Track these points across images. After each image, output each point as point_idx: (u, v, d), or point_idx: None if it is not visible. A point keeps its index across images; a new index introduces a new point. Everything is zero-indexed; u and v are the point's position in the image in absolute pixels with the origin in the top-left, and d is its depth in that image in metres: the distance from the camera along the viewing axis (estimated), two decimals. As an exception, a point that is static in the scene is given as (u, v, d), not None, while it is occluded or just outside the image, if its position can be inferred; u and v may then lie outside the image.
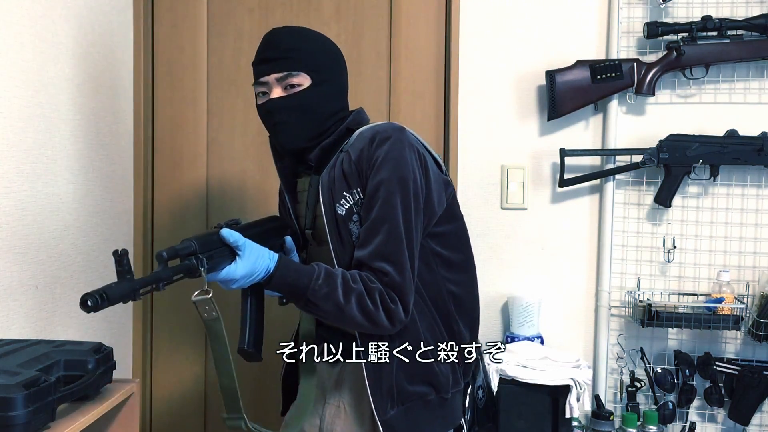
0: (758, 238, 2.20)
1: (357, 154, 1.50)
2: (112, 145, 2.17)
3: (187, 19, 2.37)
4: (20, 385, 1.14)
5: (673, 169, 2.16)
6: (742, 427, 2.19)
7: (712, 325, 2.11)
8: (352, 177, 1.50)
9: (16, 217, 1.67)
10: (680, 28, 2.13)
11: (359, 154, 1.49)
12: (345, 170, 1.51)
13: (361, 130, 1.55)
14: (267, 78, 1.53)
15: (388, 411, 1.46)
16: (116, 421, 1.49)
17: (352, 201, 1.50)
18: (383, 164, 1.46)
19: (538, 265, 2.28)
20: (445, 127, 2.32)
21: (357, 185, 1.50)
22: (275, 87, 1.54)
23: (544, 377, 1.97)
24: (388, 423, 1.46)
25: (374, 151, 1.47)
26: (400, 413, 1.47)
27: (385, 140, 1.48)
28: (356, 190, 1.50)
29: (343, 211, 1.50)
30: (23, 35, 1.70)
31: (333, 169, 1.53)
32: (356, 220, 1.50)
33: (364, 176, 1.48)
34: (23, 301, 1.71)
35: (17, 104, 1.68)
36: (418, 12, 2.32)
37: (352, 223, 1.49)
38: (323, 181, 1.53)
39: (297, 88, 1.52)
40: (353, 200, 1.50)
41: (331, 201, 1.51)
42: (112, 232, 2.18)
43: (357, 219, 1.49)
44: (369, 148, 1.48)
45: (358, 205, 1.49)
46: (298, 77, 1.52)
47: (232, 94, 2.37)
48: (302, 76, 1.52)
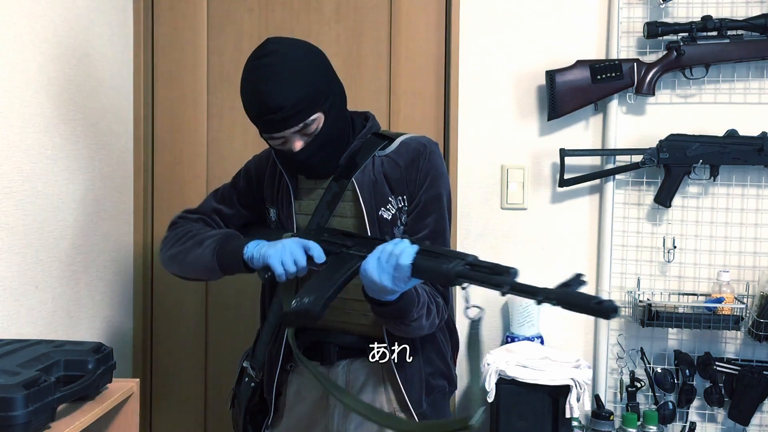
0: (758, 238, 2.20)
1: (407, 163, 1.58)
2: (112, 145, 2.18)
3: (187, 19, 2.37)
4: (20, 385, 1.14)
5: (673, 169, 2.16)
6: (742, 427, 2.19)
7: (712, 325, 2.11)
8: (399, 184, 1.58)
9: (16, 217, 1.67)
10: (680, 28, 2.13)
11: (410, 164, 1.58)
12: (389, 175, 1.58)
13: (404, 140, 1.61)
14: (281, 134, 1.49)
15: (423, 404, 1.58)
16: (116, 421, 1.49)
17: (396, 207, 1.57)
18: (437, 179, 1.58)
19: (538, 265, 2.28)
20: (445, 127, 2.32)
21: (403, 193, 1.58)
22: (294, 138, 1.50)
23: (544, 377, 1.97)
24: (423, 415, 1.58)
25: (426, 164, 1.58)
26: (429, 405, 1.60)
27: (433, 154, 1.60)
28: (401, 198, 1.58)
29: (389, 215, 1.57)
30: (23, 35, 1.70)
31: (369, 172, 1.58)
32: (400, 225, 1.58)
33: (413, 186, 1.58)
34: (23, 301, 1.71)
35: (17, 104, 1.68)
36: (418, 12, 2.32)
37: (397, 228, 1.57)
38: (361, 183, 1.57)
39: (316, 130, 1.50)
40: (397, 207, 1.58)
41: (372, 203, 1.56)
42: (112, 232, 2.18)
43: (401, 225, 1.58)
44: (420, 161, 1.58)
45: (402, 212, 1.58)
46: (314, 121, 1.48)
47: (232, 94, 2.37)
48: (317, 117, 1.48)
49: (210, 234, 1.62)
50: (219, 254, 1.55)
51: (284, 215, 1.64)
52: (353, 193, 1.58)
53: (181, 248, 1.63)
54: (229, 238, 1.59)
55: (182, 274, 1.68)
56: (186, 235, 1.65)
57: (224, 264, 1.55)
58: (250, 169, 1.73)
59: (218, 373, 2.39)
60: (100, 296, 2.12)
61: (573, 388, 1.95)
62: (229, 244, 1.56)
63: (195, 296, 2.40)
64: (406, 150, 1.59)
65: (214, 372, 2.40)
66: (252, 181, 1.71)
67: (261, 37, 1.95)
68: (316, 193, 1.62)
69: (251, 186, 1.72)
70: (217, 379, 2.39)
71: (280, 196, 1.65)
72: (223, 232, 1.63)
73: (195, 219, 1.72)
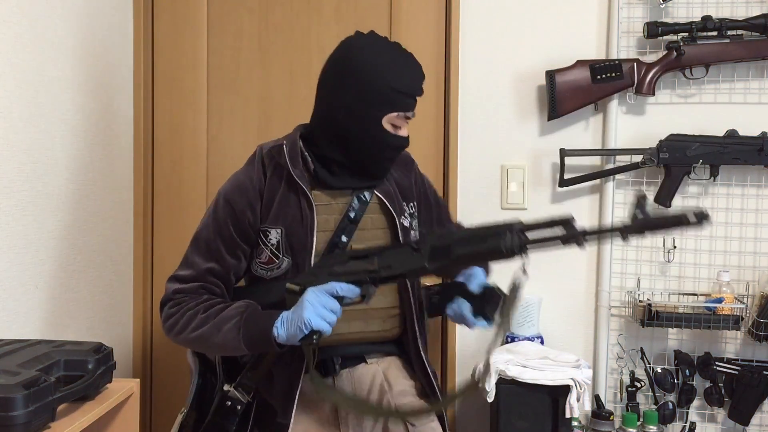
0: (758, 238, 2.20)
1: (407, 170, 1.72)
2: (112, 145, 2.18)
3: (187, 19, 2.37)
4: (20, 385, 1.14)
5: (673, 169, 2.16)
6: (742, 427, 2.19)
7: (712, 325, 2.10)
8: (409, 191, 1.70)
9: (16, 217, 1.67)
10: (680, 28, 2.13)
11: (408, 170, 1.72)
12: (400, 184, 1.68)
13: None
14: (410, 114, 1.58)
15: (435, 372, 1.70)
16: (116, 421, 1.49)
17: (410, 214, 1.68)
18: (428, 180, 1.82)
19: (538, 265, 2.26)
20: (445, 127, 2.32)
21: (413, 199, 1.70)
22: (404, 125, 1.59)
23: (544, 377, 1.97)
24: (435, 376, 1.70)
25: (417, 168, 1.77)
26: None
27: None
28: (412, 204, 1.69)
29: (408, 223, 1.64)
30: (23, 35, 1.70)
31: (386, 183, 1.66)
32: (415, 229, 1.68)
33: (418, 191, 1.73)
34: (23, 301, 1.71)
35: (17, 104, 1.68)
36: (418, 12, 2.32)
37: (413, 232, 1.67)
38: (387, 194, 1.64)
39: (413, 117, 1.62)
40: (409, 212, 1.68)
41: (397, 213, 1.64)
42: (112, 232, 2.18)
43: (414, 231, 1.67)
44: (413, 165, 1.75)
45: (413, 218, 1.69)
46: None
47: (232, 94, 2.37)
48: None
49: (226, 316, 1.50)
50: (247, 340, 1.47)
51: (301, 233, 1.57)
52: (379, 205, 1.62)
53: (198, 333, 1.52)
54: (250, 320, 1.48)
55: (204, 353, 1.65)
56: (196, 316, 1.54)
57: (255, 348, 1.49)
58: (232, 203, 1.60)
59: (218, 373, 2.39)
60: (100, 296, 2.12)
61: (573, 388, 1.95)
62: (254, 326, 1.47)
63: (195, 296, 2.40)
64: (402, 159, 1.69)
65: (214, 372, 2.40)
66: (237, 215, 1.59)
67: (261, 37, 1.96)
68: (332, 208, 1.60)
69: (239, 222, 1.59)
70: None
71: (291, 215, 1.58)
72: (238, 314, 1.50)
73: (194, 289, 1.59)
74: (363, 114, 1.53)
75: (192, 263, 1.61)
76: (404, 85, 1.53)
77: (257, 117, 2.37)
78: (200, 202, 2.39)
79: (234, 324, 1.48)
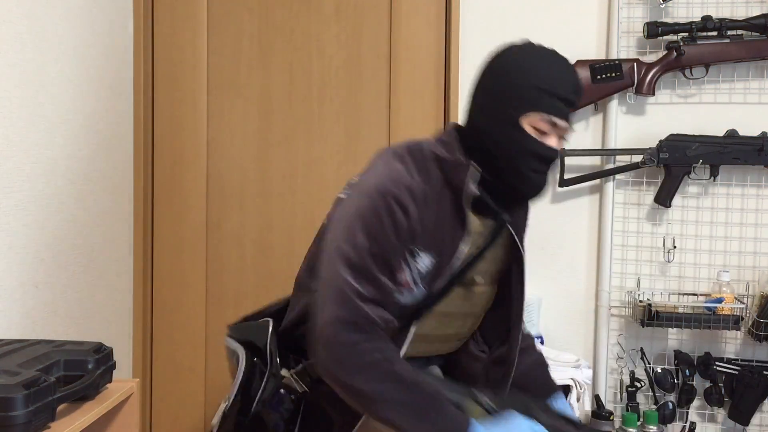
0: (758, 238, 2.20)
1: (527, 216, 1.59)
2: (112, 145, 2.18)
3: (187, 19, 2.37)
4: (20, 385, 1.14)
5: (673, 169, 2.16)
6: (742, 427, 2.19)
7: (712, 325, 2.10)
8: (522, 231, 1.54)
9: (16, 217, 1.67)
10: (680, 28, 2.13)
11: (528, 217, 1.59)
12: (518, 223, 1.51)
13: None
14: (563, 123, 1.35)
15: None
16: (116, 421, 1.49)
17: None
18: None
19: (538, 265, 2.28)
20: (445, 126, 2.32)
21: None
22: (553, 134, 1.36)
23: (544, 377, 1.97)
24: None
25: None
26: None
27: None
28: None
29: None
30: (23, 35, 1.70)
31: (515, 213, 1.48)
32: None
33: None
34: (23, 301, 1.71)
35: (17, 104, 1.68)
36: (418, 12, 2.32)
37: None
38: (517, 224, 1.49)
39: (563, 141, 1.39)
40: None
41: (521, 247, 1.49)
42: (112, 232, 2.18)
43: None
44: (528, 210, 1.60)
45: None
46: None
47: (232, 94, 2.37)
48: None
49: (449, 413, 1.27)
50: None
51: (445, 266, 1.37)
52: (508, 237, 1.46)
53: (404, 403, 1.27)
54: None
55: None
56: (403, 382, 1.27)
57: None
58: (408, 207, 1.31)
59: (218, 373, 2.39)
60: (100, 296, 2.12)
61: (573, 388, 1.95)
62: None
63: (195, 296, 2.40)
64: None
65: (215, 372, 2.40)
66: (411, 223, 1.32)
67: (261, 37, 1.96)
68: (476, 237, 1.40)
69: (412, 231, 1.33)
70: (217, 379, 2.39)
71: (447, 240, 1.36)
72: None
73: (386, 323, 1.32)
74: (499, 113, 1.35)
75: (380, 285, 1.30)
76: (549, 84, 1.32)
77: (257, 117, 2.37)
78: (200, 202, 2.39)
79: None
